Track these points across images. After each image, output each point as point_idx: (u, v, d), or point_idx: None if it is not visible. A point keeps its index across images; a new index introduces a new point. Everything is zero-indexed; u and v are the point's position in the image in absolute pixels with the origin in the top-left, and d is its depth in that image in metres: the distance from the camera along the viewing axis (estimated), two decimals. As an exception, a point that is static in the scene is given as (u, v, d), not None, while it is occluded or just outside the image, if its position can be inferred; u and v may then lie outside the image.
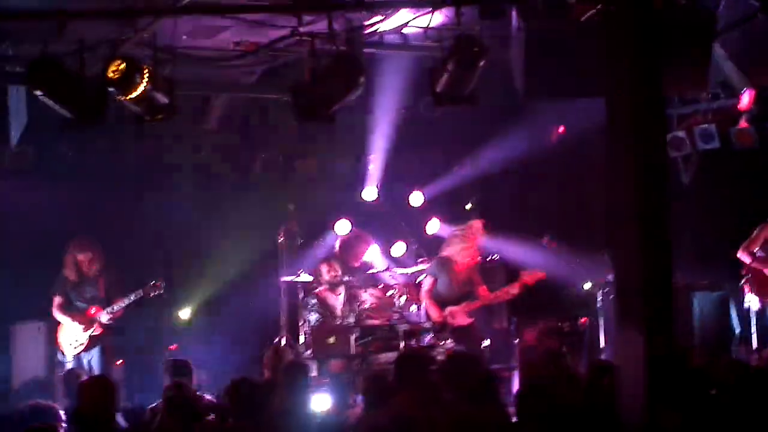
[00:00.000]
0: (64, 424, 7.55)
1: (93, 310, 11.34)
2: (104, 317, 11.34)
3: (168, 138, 12.78)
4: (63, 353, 11.41)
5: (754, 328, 11.55)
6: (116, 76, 7.99)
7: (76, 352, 11.33)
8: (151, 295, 11.53)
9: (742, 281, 12.06)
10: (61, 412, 7.87)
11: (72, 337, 11.33)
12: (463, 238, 12.07)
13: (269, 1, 9.21)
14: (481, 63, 8.44)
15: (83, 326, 11.28)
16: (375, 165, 13.74)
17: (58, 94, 8.23)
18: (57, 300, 11.47)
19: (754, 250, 12.05)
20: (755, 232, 12.16)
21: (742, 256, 12.09)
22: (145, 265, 12.35)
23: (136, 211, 12.60)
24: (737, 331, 11.84)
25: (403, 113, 13.10)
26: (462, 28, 8.66)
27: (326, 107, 8.67)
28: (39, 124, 11.68)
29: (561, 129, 14.14)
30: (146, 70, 8.12)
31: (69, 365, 11.25)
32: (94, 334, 11.32)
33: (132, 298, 11.45)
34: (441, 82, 8.71)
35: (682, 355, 8.19)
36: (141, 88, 8.10)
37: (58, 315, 11.44)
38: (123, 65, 8.00)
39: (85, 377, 9.59)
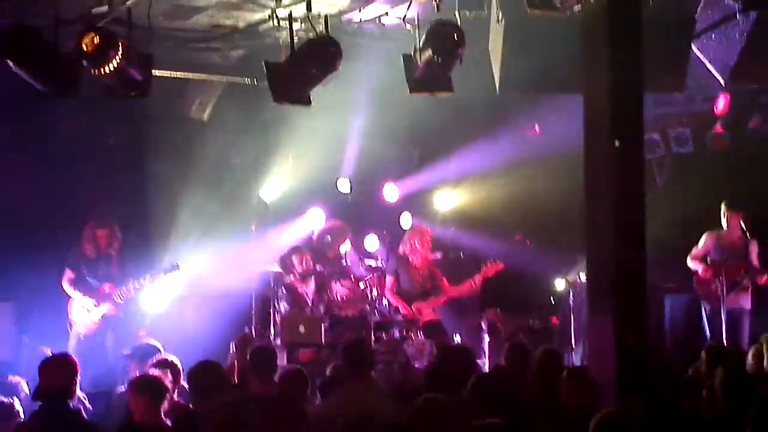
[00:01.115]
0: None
1: (107, 288, 11.21)
2: (119, 295, 11.21)
3: (145, 120, 12.69)
4: (74, 328, 11.24)
5: (724, 331, 11.53)
6: (90, 48, 7.86)
7: (87, 330, 11.18)
8: (168, 277, 11.44)
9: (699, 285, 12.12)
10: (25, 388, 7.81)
11: (84, 313, 11.20)
12: (413, 235, 12.12)
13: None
14: (459, 50, 8.36)
15: (95, 302, 11.16)
16: (350, 156, 13.66)
17: (32, 66, 8.11)
18: (68, 274, 11.29)
19: (698, 257, 12.16)
20: (701, 240, 12.24)
21: (692, 264, 12.18)
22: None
23: (110, 192, 12.43)
24: (707, 334, 11.82)
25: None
26: (441, 15, 8.60)
27: (303, 89, 8.60)
28: (15, 103, 11.65)
29: (536, 128, 14.16)
30: (120, 44, 7.99)
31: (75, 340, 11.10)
32: (107, 312, 11.20)
33: (149, 278, 11.34)
34: (418, 68, 8.66)
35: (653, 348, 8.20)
36: (115, 63, 7.97)
37: (68, 289, 11.27)
38: (97, 38, 7.87)
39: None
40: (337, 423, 6.54)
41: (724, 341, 11.08)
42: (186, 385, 7.76)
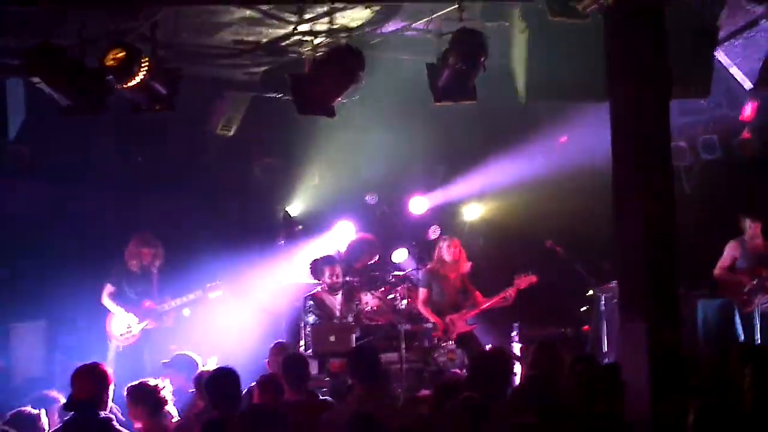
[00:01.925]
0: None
1: (147, 303, 11.31)
2: (162, 311, 11.36)
3: (172, 138, 12.78)
4: (113, 341, 11.34)
5: (758, 335, 11.46)
6: (115, 63, 7.95)
7: (126, 343, 11.28)
8: (210, 296, 11.55)
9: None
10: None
11: (124, 327, 11.30)
12: (444, 247, 12.10)
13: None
14: (483, 58, 8.37)
15: (138, 318, 11.26)
16: (377, 170, 13.69)
17: (57, 81, 8.21)
18: (109, 288, 11.41)
19: (726, 267, 12.18)
20: (725, 250, 12.25)
21: (716, 274, 12.24)
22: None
23: (135, 211, 12.54)
24: (741, 338, 11.74)
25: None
26: (464, 23, 8.61)
27: (326, 100, 8.62)
28: (37, 123, 11.76)
29: (563, 138, 14.13)
30: (145, 60, 8.07)
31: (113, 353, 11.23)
32: (147, 327, 11.29)
33: (191, 297, 11.50)
34: (441, 77, 8.67)
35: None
36: (139, 77, 8.05)
37: (108, 303, 11.38)
38: (122, 53, 7.96)
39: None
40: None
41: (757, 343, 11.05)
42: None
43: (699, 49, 9.53)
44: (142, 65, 8.04)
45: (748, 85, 10.19)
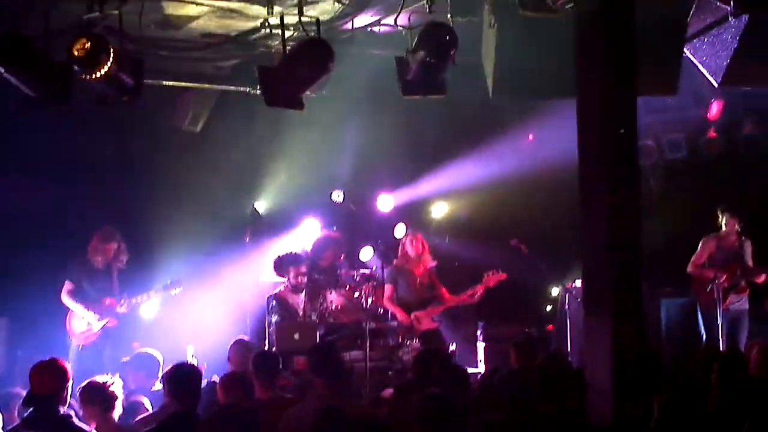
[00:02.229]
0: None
1: (107, 301, 11.16)
2: (121, 309, 11.19)
3: (137, 133, 12.71)
4: (73, 340, 11.18)
5: (720, 334, 11.50)
6: (81, 54, 7.82)
7: (86, 341, 11.13)
8: (170, 292, 11.39)
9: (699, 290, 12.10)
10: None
11: (84, 325, 11.14)
12: (410, 244, 12.08)
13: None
14: (452, 51, 8.34)
15: (98, 316, 11.11)
16: (344, 167, 13.66)
17: (22, 72, 8.06)
18: (68, 286, 11.22)
19: (700, 264, 12.10)
20: (699, 246, 12.21)
21: (691, 270, 12.15)
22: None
23: (99, 207, 12.38)
24: (704, 337, 11.79)
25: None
26: (433, 17, 8.58)
27: (295, 92, 8.56)
28: (5, 116, 11.63)
29: (530, 137, 14.17)
30: (112, 50, 7.96)
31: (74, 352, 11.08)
32: (107, 325, 11.15)
33: (152, 294, 11.35)
34: (410, 70, 8.64)
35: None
36: (106, 68, 7.93)
37: (67, 301, 11.20)
38: (88, 43, 7.84)
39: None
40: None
41: (722, 343, 11.08)
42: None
43: (667, 46, 9.53)
44: (109, 55, 7.91)
45: (714, 82, 10.19)
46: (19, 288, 11.90)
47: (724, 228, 12.07)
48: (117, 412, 7.25)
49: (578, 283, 11.94)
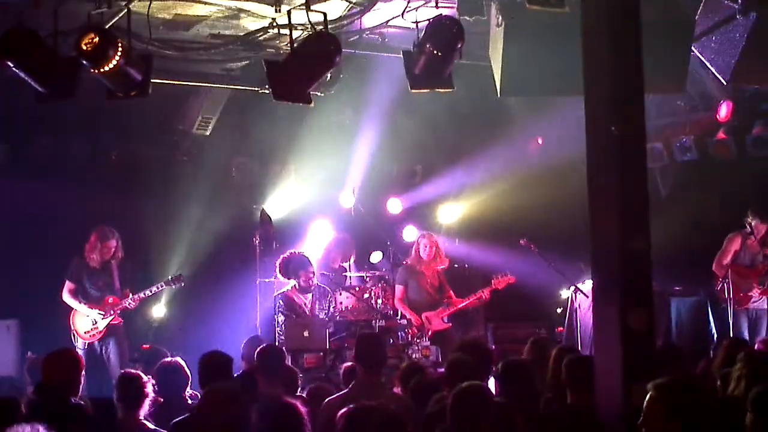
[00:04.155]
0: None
1: (110, 299, 11.20)
2: (128, 304, 11.27)
3: (147, 136, 12.76)
4: (79, 339, 11.24)
5: (731, 333, 11.48)
6: (89, 48, 7.86)
7: (92, 340, 11.19)
8: (173, 287, 11.53)
9: (718, 288, 12.06)
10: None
11: (89, 324, 11.18)
12: (426, 245, 12.07)
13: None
14: (459, 44, 8.35)
15: (102, 314, 11.14)
16: (354, 171, 13.67)
17: (31, 67, 8.12)
18: (69, 285, 11.29)
19: (725, 263, 12.09)
20: (725, 244, 12.22)
21: (716, 269, 12.13)
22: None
23: (110, 210, 12.42)
24: (715, 335, 11.77)
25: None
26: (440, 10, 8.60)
27: (302, 87, 8.57)
28: (14, 121, 11.70)
29: (539, 140, 14.17)
30: (120, 45, 8.00)
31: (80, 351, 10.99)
32: (112, 322, 11.19)
33: (154, 290, 11.45)
34: (418, 64, 8.65)
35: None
36: (114, 62, 7.97)
37: (69, 300, 11.26)
38: (97, 38, 7.88)
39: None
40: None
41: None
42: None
43: (675, 43, 9.52)
44: (117, 50, 7.95)
45: (723, 80, 10.17)
46: (27, 290, 12.01)
47: (753, 231, 12.09)
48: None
49: (589, 284, 11.90)
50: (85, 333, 11.18)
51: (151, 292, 11.42)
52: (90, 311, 11.15)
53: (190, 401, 7.71)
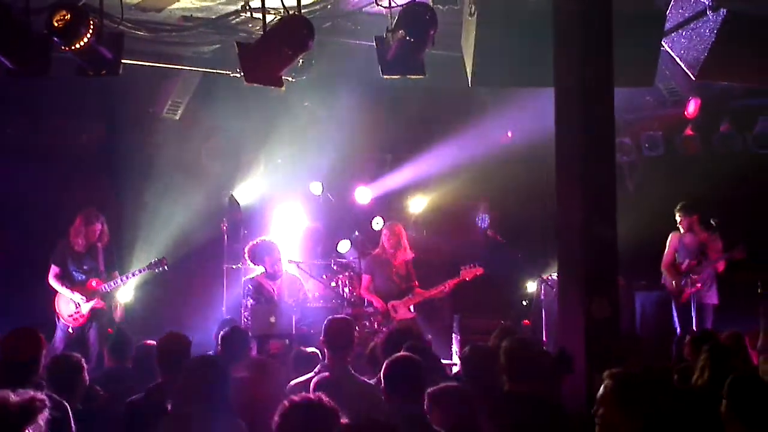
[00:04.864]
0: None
1: (94, 283, 11.15)
2: (107, 289, 11.22)
3: (117, 119, 12.73)
4: (62, 322, 11.17)
5: (694, 326, 11.61)
6: (61, 25, 7.81)
7: (76, 324, 11.14)
8: (156, 271, 11.51)
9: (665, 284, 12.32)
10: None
11: (73, 308, 11.13)
12: (389, 234, 12.10)
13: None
14: (432, 31, 8.36)
15: (85, 298, 11.09)
16: (323, 159, 13.67)
17: (1, 43, 8.05)
18: (54, 269, 11.21)
19: (666, 261, 12.45)
20: (668, 243, 12.50)
21: (662, 267, 12.45)
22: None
23: (81, 190, 12.38)
24: (678, 329, 11.88)
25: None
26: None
27: (275, 70, 8.55)
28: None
29: (509, 134, 14.21)
30: (92, 23, 7.96)
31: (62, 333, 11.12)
32: (95, 306, 11.15)
33: (136, 273, 11.44)
34: (390, 50, 8.65)
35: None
36: (85, 40, 7.92)
37: (55, 285, 11.18)
38: (68, 15, 7.83)
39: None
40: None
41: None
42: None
43: (646, 37, 9.61)
44: (89, 28, 7.91)
45: (691, 75, 10.27)
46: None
47: (681, 227, 12.45)
48: None
49: (555, 275, 11.97)
50: (68, 317, 11.14)
51: (133, 275, 11.41)
52: (73, 295, 11.11)
53: None
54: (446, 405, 5.77)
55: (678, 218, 12.42)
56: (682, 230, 12.42)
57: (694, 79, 10.32)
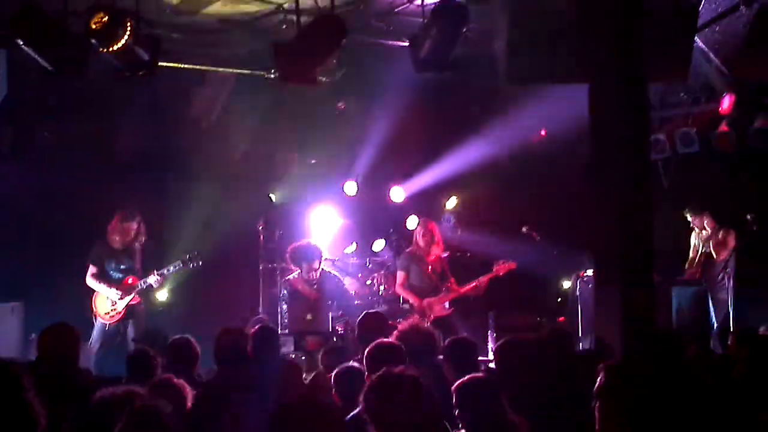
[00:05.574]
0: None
1: (130, 280, 11.28)
2: (143, 285, 11.30)
3: (154, 121, 12.85)
4: (99, 320, 11.27)
5: (732, 322, 11.59)
6: (98, 27, 7.96)
7: (112, 321, 11.24)
8: (191, 266, 11.56)
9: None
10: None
11: (110, 305, 11.25)
12: (424, 231, 12.12)
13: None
14: (464, 28, 8.43)
15: (120, 295, 11.21)
16: (357, 159, 13.74)
17: (40, 44, 8.20)
18: (91, 269, 11.29)
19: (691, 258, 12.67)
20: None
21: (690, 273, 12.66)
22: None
23: (114, 198, 12.48)
24: (715, 324, 11.86)
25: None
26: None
27: (309, 68, 8.65)
28: (19, 107, 11.78)
29: (543, 132, 14.21)
30: (129, 24, 8.08)
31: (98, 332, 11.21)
32: (131, 303, 11.27)
33: (172, 269, 11.48)
34: (423, 47, 8.72)
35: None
36: (122, 42, 8.06)
37: (92, 283, 11.27)
38: (106, 17, 7.98)
39: None
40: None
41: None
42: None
43: (678, 31, 9.55)
44: (126, 30, 8.03)
45: (725, 71, 10.25)
46: (32, 272, 12.10)
47: (696, 227, 12.75)
48: None
49: (590, 272, 11.97)
50: (105, 314, 11.23)
51: (168, 271, 11.46)
52: (110, 291, 11.22)
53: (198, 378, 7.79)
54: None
55: (689, 219, 12.71)
56: (696, 230, 12.64)
57: (728, 74, 10.29)
